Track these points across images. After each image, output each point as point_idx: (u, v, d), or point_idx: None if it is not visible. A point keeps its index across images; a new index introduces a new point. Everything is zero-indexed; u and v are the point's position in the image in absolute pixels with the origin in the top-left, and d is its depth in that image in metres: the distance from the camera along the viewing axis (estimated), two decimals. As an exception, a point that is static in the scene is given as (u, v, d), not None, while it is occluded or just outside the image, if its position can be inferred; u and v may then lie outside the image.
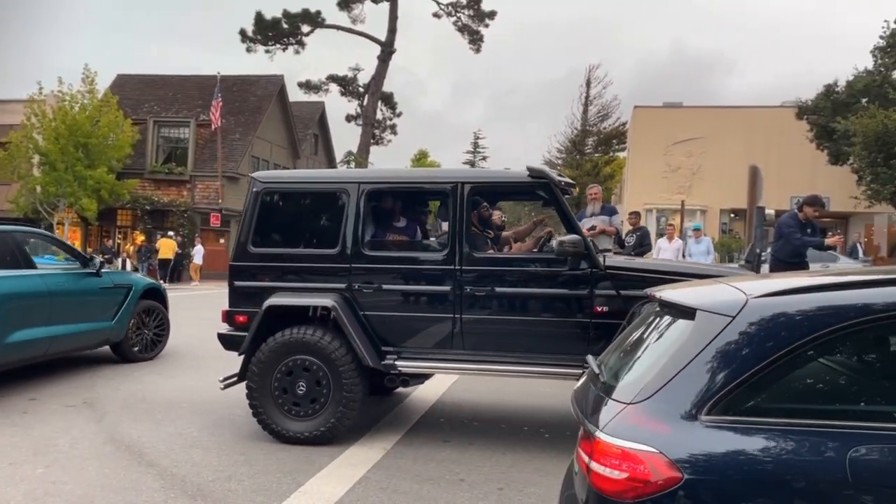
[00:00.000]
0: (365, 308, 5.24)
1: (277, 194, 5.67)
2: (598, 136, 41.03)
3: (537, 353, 5.11)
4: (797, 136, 24.08)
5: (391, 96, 39.77)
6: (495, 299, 5.14)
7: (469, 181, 5.31)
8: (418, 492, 4.26)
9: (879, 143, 8.77)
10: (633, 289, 4.89)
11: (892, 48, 20.69)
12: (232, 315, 5.53)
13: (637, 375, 2.29)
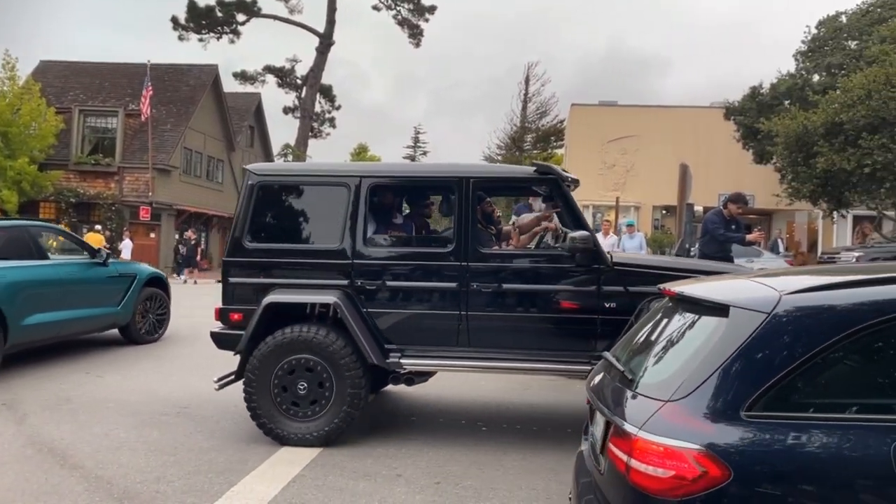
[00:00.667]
0: (368, 305, 5.11)
1: (274, 187, 5.44)
2: (536, 133, 41.57)
3: (544, 350, 5.08)
4: (725, 136, 25.00)
5: (330, 89, 39.29)
6: (502, 296, 5.07)
7: (475, 176, 5.27)
8: (354, 488, 4.24)
9: (799, 143, 9.19)
10: (640, 285, 4.96)
11: (812, 53, 21.75)
12: (226, 313, 5.30)
13: (671, 372, 2.28)
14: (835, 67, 19.56)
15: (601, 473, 2.45)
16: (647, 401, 2.22)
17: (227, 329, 5.29)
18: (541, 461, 4.79)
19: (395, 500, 4.07)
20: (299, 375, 4.96)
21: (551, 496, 4.16)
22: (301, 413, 4.97)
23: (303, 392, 4.96)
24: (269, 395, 4.97)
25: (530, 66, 41.46)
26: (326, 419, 4.94)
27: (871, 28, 17.96)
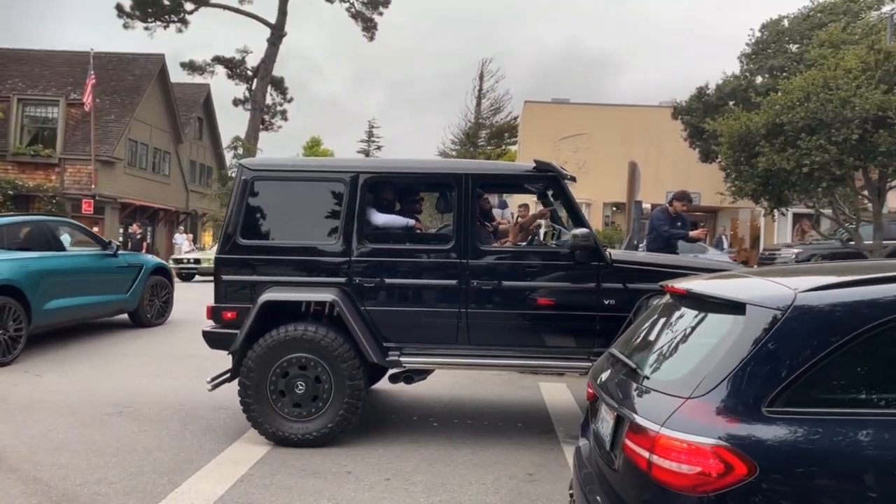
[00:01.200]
0: (366, 303, 5.05)
1: (269, 182, 5.30)
2: (490, 129, 41.84)
3: (543, 347, 5.11)
4: (673, 135, 25.60)
5: (282, 81, 38.67)
6: (502, 293, 5.06)
7: (475, 172, 5.25)
8: (303, 486, 4.20)
9: (742, 143, 9.47)
10: (639, 282, 5.03)
11: (756, 55, 22.43)
12: (219, 311, 5.16)
13: (689, 370, 2.30)
14: (777, 70, 20.23)
15: (614, 469, 2.46)
16: (666, 398, 2.24)
17: (220, 328, 5.16)
18: (491, 455, 4.83)
19: (345, 497, 4.04)
20: (297, 375, 4.87)
21: (500, 490, 4.20)
22: (299, 413, 4.88)
23: (301, 392, 4.87)
24: (265, 395, 4.86)
25: (484, 62, 41.75)
26: (325, 419, 4.86)
27: (811, 32, 18.64)
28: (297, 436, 4.84)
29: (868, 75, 8.41)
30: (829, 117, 8.29)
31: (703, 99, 22.43)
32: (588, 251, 5.01)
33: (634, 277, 5.08)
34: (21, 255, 7.98)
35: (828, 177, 8.56)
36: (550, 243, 5.81)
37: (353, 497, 4.04)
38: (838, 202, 9.74)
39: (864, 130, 8.16)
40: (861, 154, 8.40)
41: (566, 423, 5.69)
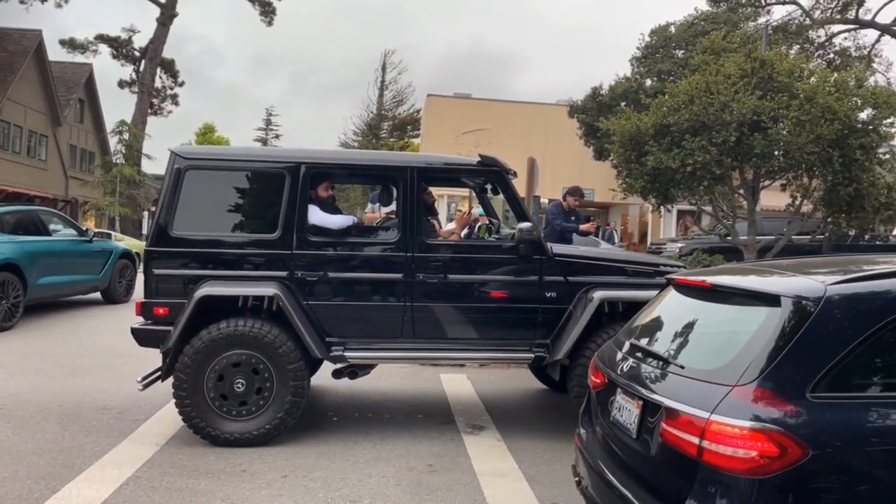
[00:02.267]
0: (309, 297, 4.91)
1: (204, 172, 5.02)
2: (393, 122, 41.69)
3: (487, 340, 5.13)
4: (569, 133, 26.47)
5: (172, 63, 36.80)
6: (447, 287, 5.04)
7: (420, 165, 5.18)
8: (194, 487, 4.03)
9: (632, 142, 9.92)
10: (579, 276, 5.17)
11: (645, 59, 23.56)
12: (149, 307, 4.89)
13: (731, 358, 2.38)
14: (664, 73, 21.35)
15: (647, 455, 2.53)
16: (711, 386, 2.32)
17: (151, 325, 4.90)
18: (391, 448, 4.83)
19: (240, 496, 3.92)
20: (237, 372, 4.69)
21: (401, 482, 4.20)
22: (238, 412, 4.70)
23: (240, 390, 4.69)
24: (202, 394, 4.65)
25: (387, 53, 41.42)
26: (266, 417, 4.71)
27: (695, 39, 19.78)
28: (237, 435, 4.67)
29: (745, 82, 9.03)
30: (711, 120, 8.84)
31: (597, 99, 23.33)
32: (531, 245, 5.08)
33: (575, 271, 5.21)
34: (19, 238, 9.32)
35: (709, 176, 9.12)
36: (485, 237, 5.86)
37: (249, 496, 3.92)
38: (718, 200, 10.40)
39: (741, 133, 8.75)
40: (738, 155, 9.01)
41: (466, 414, 5.78)
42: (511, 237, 5.24)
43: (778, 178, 9.78)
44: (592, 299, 5.03)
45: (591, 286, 5.16)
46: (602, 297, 5.04)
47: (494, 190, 5.68)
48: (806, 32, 21.55)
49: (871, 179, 8.73)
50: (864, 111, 8.99)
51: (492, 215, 6.25)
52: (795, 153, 8.45)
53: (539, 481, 4.27)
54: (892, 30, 20.52)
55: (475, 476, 4.32)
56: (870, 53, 22.18)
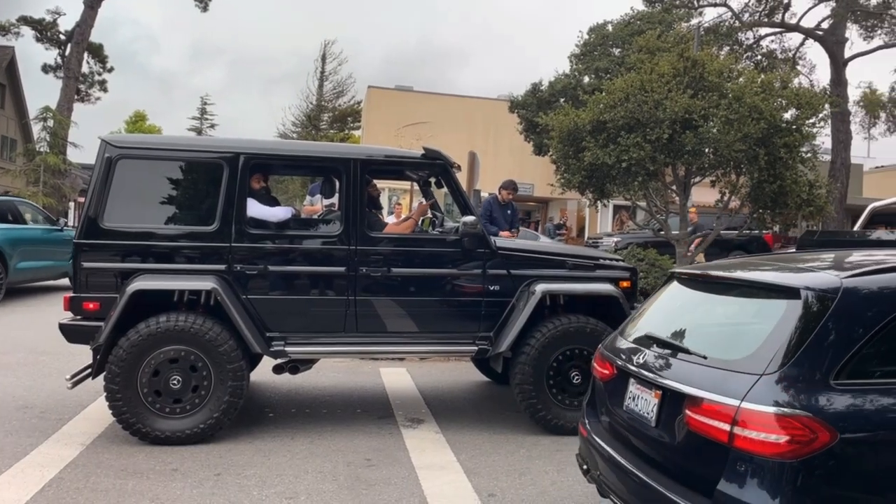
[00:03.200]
0: (248, 291, 4.81)
1: (138, 161, 4.84)
2: (333, 113, 41.13)
3: (431, 333, 5.12)
4: (510, 128, 26.70)
5: (101, 48, 35.22)
6: (391, 280, 5.02)
7: (364, 157, 5.13)
8: (122, 487, 3.89)
9: (571, 138, 10.07)
10: (522, 269, 5.22)
11: (584, 56, 23.97)
12: (78, 301, 4.71)
13: (756, 348, 2.50)
14: (602, 71, 21.76)
15: (665, 442, 2.66)
16: (738, 375, 2.44)
17: (80, 320, 4.73)
18: (329, 443, 4.78)
19: (170, 496, 3.80)
20: (172, 369, 4.57)
21: (338, 477, 4.17)
22: (174, 409, 4.58)
23: (177, 386, 4.57)
24: (136, 391, 4.51)
25: (327, 43, 40.81)
26: (204, 414, 4.60)
27: (631, 38, 20.24)
28: (169, 433, 4.56)
29: (677, 80, 9.29)
30: (645, 117, 9.06)
31: (537, 95, 23.60)
32: (475, 238, 5.11)
33: (517, 264, 5.27)
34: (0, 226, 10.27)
35: (643, 172, 9.35)
36: (429, 230, 5.84)
37: (180, 496, 3.81)
38: (651, 195, 10.68)
39: (673, 131, 9.00)
40: (670, 152, 9.26)
41: (405, 408, 5.77)
42: (455, 231, 5.25)
43: (708, 174, 10.11)
44: (535, 292, 5.09)
45: (534, 279, 5.23)
46: (544, 290, 5.11)
47: (438, 183, 5.70)
48: (735, 34, 22.33)
49: (794, 177, 9.13)
50: (788, 111, 9.38)
51: (435, 209, 6.26)
52: (724, 151, 8.75)
53: (478, 473, 4.31)
54: (815, 33, 21.49)
55: (413, 469, 4.32)
56: (794, 56, 23.18)
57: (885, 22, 21.80)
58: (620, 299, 5.32)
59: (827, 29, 21.06)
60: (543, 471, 4.38)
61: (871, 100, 29.57)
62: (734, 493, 2.30)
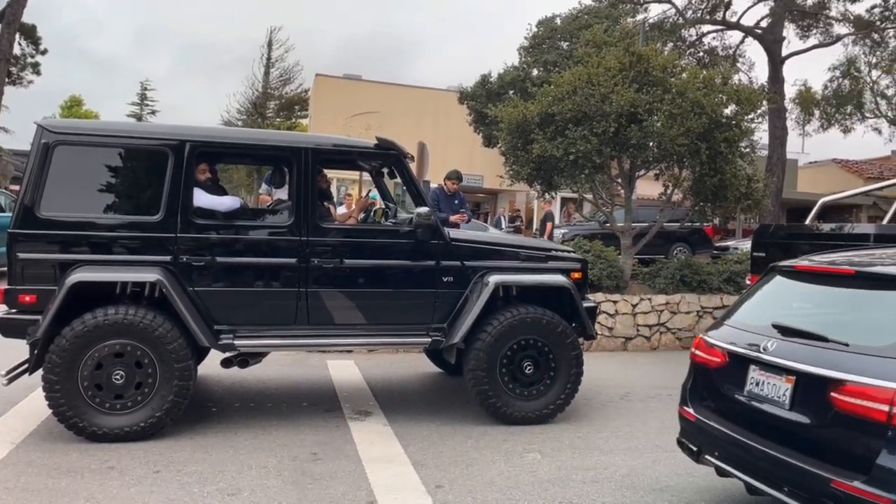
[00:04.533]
0: (195, 283, 4.69)
1: (77, 148, 4.66)
2: (280, 101, 40.34)
3: (384, 325, 5.08)
4: (459, 119, 26.73)
5: (33, 29, 33.60)
6: (343, 271, 4.94)
7: (315, 146, 5.04)
8: (55, 486, 3.74)
9: (519, 130, 10.12)
10: (475, 260, 5.23)
11: (533, 49, 24.13)
12: (13, 294, 4.55)
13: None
14: (550, 64, 21.95)
15: (805, 423, 2.92)
16: (889, 360, 2.71)
17: (15, 313, 4.57)
18: (274, 438, 4.70)
19: (106, 495, 3.67)
20: (115, 363, 4.44)
21: (283, 472, 4.10)
22: (114, 405, 4.45)
23: (119, 382, 4.45)
24: (76, 386, 4.37)
25: (273, 30, 39.94)
26: (148, 410, 4.49)
27: (579, 32, 20.47)
28: (118, 429, 4.43)
29: (623, 75, 9.43)
30: (592, 111, 9.17)
31: (486, 86, 23.65)
32: (428, 230, 5.08)
33: (471, 255, 5.27)
34: None
35: (590, 165, 9.47)
36: (381, 221, 5.78)
37: (117, 494, 3.69)
38: (598, 188, 10.83)
39: (619, 124, 9.14)
40: (616, 145, 9.41)
41: (352, 400, 5.72)
42: (409, 222, 5.22)
43: (652, 168, 10.32)
44: (488, 284, 5.11)
45: (487, 271, 5.24)
46: (497, 281, 5.14)
47: (391, 174, 5.65)
48: (679, 31, 22.85)
49: (733, 171, 9.40)
50: (728, 107, 9.64)
51: (388, 199, 6.22)
52: (667, 145, 8.94)
53: (425, 465, 4.30)
54: (754, 32, 22.15)
55: (360, 462, 4.29)
56: (735, 53, 23.86)
57: (821, 22, 22.65)
58: (572, 290, 5.37)
59: (765, 27, 21.75)
60: (491, 461, 4.41)
61: (806, 97, 30.69)
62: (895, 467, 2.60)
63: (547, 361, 5.20)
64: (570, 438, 4.92)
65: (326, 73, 32.35)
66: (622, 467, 4.37)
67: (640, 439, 4.95)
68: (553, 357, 5.20)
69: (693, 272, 9.49)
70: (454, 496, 3.84)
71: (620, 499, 3.88)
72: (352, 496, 3.79)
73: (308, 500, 3.71)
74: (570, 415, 5.47)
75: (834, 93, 25.85)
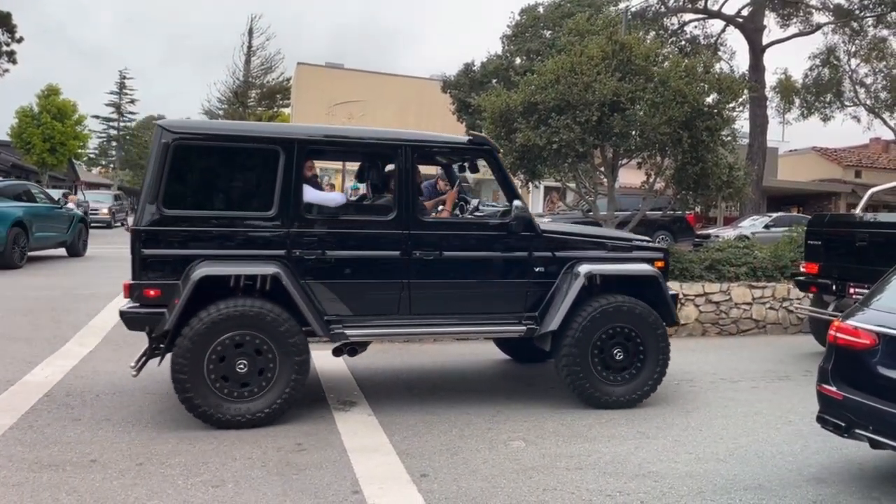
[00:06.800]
0: (305, 276, 4.86)
1: (195, 148, 4.86)
2: (261, 90, 39.98)
3: (480, 314, 5.28)
4: (443, 108, 26.65)
5: (9, 16, 33.02)
6: (443, 263, 5.12)
7: (415, 142, 5.27)
8: (36, 481, 3.70)
9: (503, 119, 10.13)
10: (565, 251, 5.41)
11: (516, 38, 24.10)
12: (139, 289, 4.70)
13: None
14: (533, 53, 21.95)
15: None
16: None
17: (141, 307, 4.72)
18: (258, 429, 4.67)
19: (88, 488, 3.64)
20: (239, 353, 4.60)
21: (268, 463, 4.09)
22: (241, 393, 4.62)
23: (243, 371, 4.61)
24: (202, 376, 4.52)
25: (254, 17, 39.60)
26: (270, 397, 4.67)
27: (562, 21, 20.47)
28: (242, 417, 4.60)
29: (606, 64, 9.44)
30: (575, 99, 9.18)
31: (469, 75, 23.62)
32: (523, 221, 5.25)
33: (561, 246, 5.44)
34: (22, 204, 12.54)
35: (573, 153, 9.50)
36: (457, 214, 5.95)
37: (99, 487, 3.66)
38: (581, 177, 10.88)
39: (602, 113, 9.17)
40: (599, 134, 9.44)
41: (337, 390, 5.72)
42: (501, 214, 5.42)
43: (635, 156, 10.37)
44: (580, 273, 5.27)
45: (576, 261, 5.41)
46: (588, 270, 5.29)
47: (472, 168, 5.86)
48: (661, 19, 22.94)
49: (714, 159, 9.48)
50: (710, 96, 9.70)
51: (465, 192, 6.38)
52: (650, 133, 8.99)
53: (410, 454, 4.31)
54: (735, 20, 22.28)
55: (345, 452, 4.29)
56: (716, 42, 24.01)
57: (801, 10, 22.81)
58: (660, 279, 5.57)
59: (746, 16, 21.87)
60: (476, 449, 4.43)
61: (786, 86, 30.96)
62: None
63: (636, 347, 5.38)
64: (553, 426, 4.96)
65: (308, 62, 32.06)
66: (605, 454, 4.41)
67: (623, 426, 5.00)
68: (642, 343, 5.38)
69: (675, 260, 9.57)
70: (439, 484, 3.86)
71: (603, 485, 3.91)
72: (337, 486, 3.79)
73: (293, 491, 3.71)
74: (552, 402, 5.51)
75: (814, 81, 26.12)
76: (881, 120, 26.90)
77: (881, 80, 25.49)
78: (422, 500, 3.65)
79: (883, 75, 25.26)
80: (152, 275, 4.75)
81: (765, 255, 9.81)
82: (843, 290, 7.18)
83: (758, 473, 4.15)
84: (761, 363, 7.37)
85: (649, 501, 3.71)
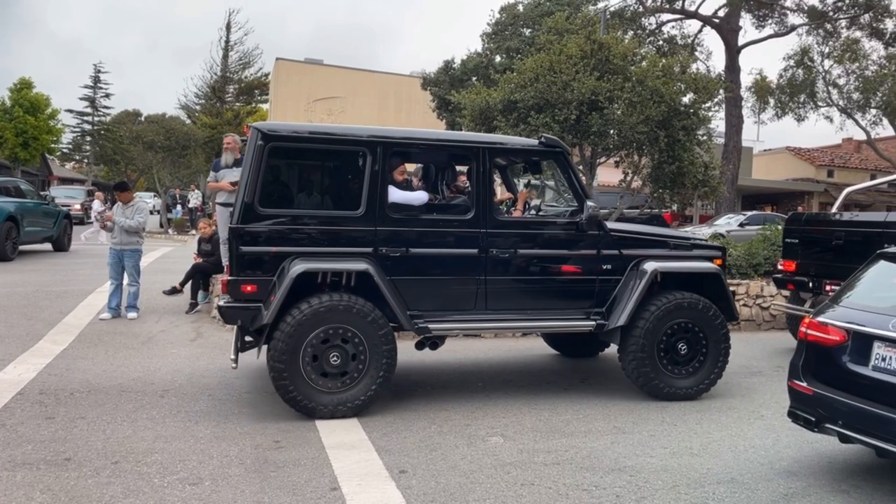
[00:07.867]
0: (391, 272, 5.03)
1: (288, 149, 5.08)
2: (239, 85, 39.57)
3: (550, 309, 5.48)
4: (423, 104, 26.64)
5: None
6: (518, 260, 5.33)
7: (492, 145, 5.51)
8: (10, 479, 3.65)
9: (482, 116, 10.17)
10: (631, 249, 5.62)
11: (495, 35, 24.14)
12: (237, 285, 4.85)
13: None
14: (513, 51, 22.01)
15: None
16: None
17: (238, 302, 4.88)
18: (236, 427, 4.66)
19: (63, 486, 3.60)
20: (332, 346, 4.81)
21: (245, 461, 4.07)
22: (333, 385, 4.82)
23: (336, 363, 4.81)
24: (298, 368, 4.72)
25: (232, 12, 39.15)
26: (360, 389, 4.86)
27: (541, 19, 20.53)
28: (333, 408, 4.79)
29: (584, 62, 9.52)
30: (554, 98, 9.25)
31: (449, 72, 23.62)
32: (593, 221, 5.47)
33: (627, 244, 5.66)
34: (12, 199, 13.07)
35: (552, 151, 9.56)
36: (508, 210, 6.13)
37: (74, 486, 3.62)
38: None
39: (580, 112, 9.25)
40: (578, 132, 9.52)
41: (315, 387, 5.69)
42: (571, 213, 5.62)
43: (612, 155, 10.47)
44: (646, 270, 5.45)
45: (641, 259, 5.59)
46: (654, 268, 5.49)
47: (535, 169, 6.07)
48: (639, 19, 23.11)
49: (691, 158, 9.61)
50: (686, 95, 9.83)
51: (513, 192, 6.52)
52: (628, 132, 9.08)
53: (389, 450, 4.32)
54: (712, 21, 22.53)
55: (324, 449, 4.29)
56: (693, 42, 24.25)
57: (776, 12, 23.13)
58: (722, 276, 5.77)
59: (723, 17, 22.12)
60: (454, 445, 4.46)
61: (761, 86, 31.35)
62: None
63: (699, 342, 5.60)
64: (531, 422, 5.00)
65: (287, 57, 31.83)
66: (582, 449, 4.46)
67: (600, 421, 5.06)
68: (704, 337, 5.60)
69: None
70: (418, 481, 3.88)
71: (580, 480, 3.96)
72: (315, 483, 3.79)
73: (271, 488, 3.70)
74: (530, 399, 5.55)
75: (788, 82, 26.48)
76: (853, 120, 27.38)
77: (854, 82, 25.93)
78: (400, 496, 3.66)
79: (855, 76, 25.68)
80: (249, 271, 4.90)
81: (739, 252, 9.97)
82: (820, 287, 7.34)
83: (731, 467, 4.23)
84: (734, 359, 7.46)
85: (625, 495, 3.76)
